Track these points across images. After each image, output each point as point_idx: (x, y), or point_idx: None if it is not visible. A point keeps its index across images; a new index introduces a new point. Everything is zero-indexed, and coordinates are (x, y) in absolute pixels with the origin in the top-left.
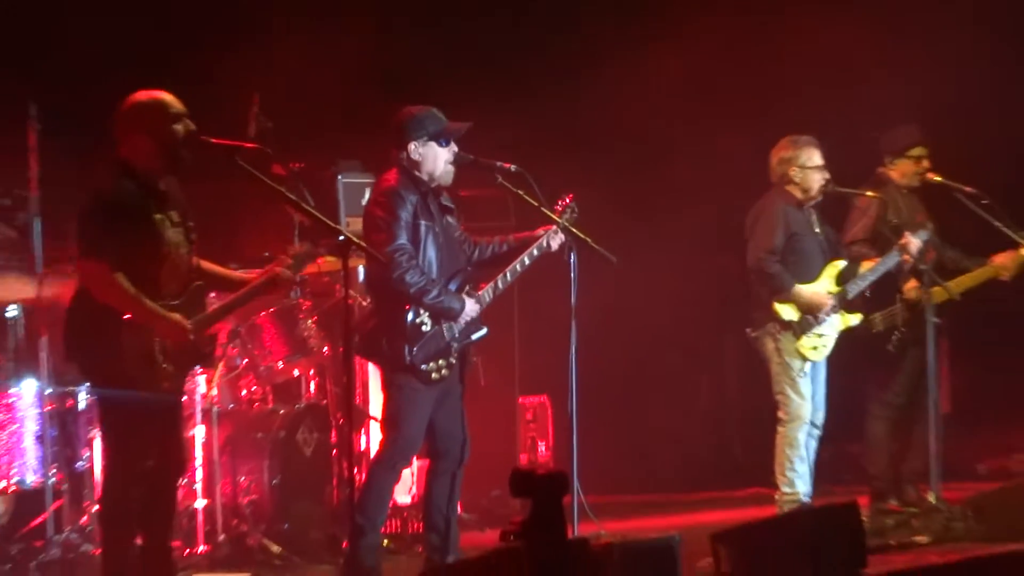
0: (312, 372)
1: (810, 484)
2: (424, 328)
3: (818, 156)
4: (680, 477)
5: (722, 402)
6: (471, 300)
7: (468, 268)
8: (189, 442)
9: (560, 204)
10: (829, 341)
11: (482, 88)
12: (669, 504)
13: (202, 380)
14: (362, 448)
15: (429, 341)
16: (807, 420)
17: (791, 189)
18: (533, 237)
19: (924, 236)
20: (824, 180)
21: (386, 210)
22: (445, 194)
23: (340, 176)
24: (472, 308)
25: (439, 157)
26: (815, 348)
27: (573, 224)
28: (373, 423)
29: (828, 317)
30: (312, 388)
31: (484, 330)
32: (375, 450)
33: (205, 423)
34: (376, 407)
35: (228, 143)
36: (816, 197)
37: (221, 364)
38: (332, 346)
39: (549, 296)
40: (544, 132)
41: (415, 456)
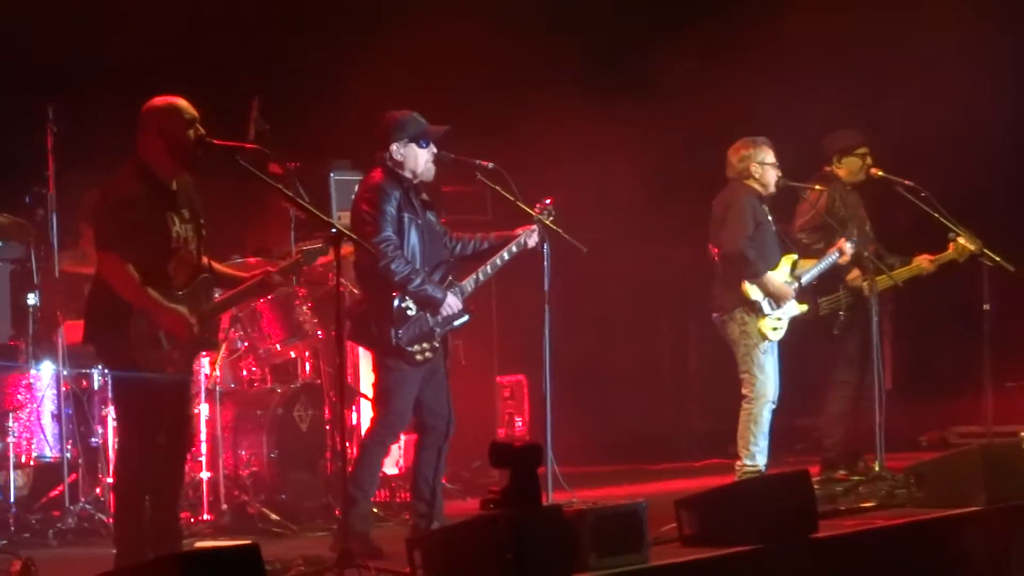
0: (307, 354)
1: (768, 457)
2: (409, 312)
3: (772, 155)
4: (645, 449)
5: (683, 380)
6: (452, 292)
7: (451, 260)
8: (194, 419)
9: (540, 206)
10: (785, 324)
11: (460, 87)
12: (635, 474)
13: (206, 362)
14: (353, 423)
15: (414, 324)
16: (771, 398)
17: (751, 183)
18: (512, 235)
19: (854, 242)
20: (779, 177)
21: (372, 205)
22: (424, 192)
23: (332, 173)
24: (452, 300)
25: (419, 157)
26: (775, 328)
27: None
28: (364, 400)
29: (787, 303)
30: (307, 368)
31: (466, 317)
32: (366, 426)
33: (209, 402)
34: (366, 385)
35: (230, 144)
36: (773, 191)
37: (223, 347)
38: (326, 330)
39: (525, 283)
40: (517, 129)
41: (403, 432)
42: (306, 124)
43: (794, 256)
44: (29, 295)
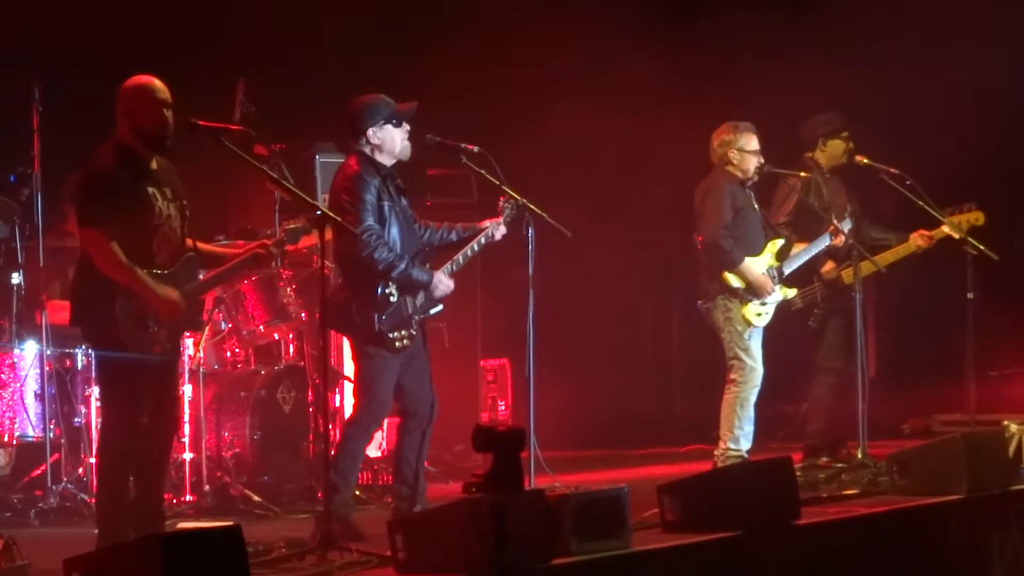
0: (291, 336)
1: (752, 442)
2: (392, 299)
3: (755, 141)
4: (628, 434)
5: (666, 365)
6: (440, 272)
7: (425, 247)
8: (179, 400)
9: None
10: (770, 310)
11: (443, 72)
12: (618, 459)
13: (190, 343)
14: (336, 406)
15: (396, 311)
16: (758, 384)
17: (731, 169)
18: (479, 228)
19: (849, 224)
20: (760, 163)
21: (351, 194)
22: (398, 178)
23: (317, 156)
24: (440, 279)
25: (395, 137)
26: (759, 315)
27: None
28: (347, 383)
29: (770, 293)
30: (291, 351)
31: (440, 307)
32: (349, 409)
33: (192, 383)
34: (349, 368)
35: (215, 125)
36: (753, 178)
37: (207, 328)
38: (309, 312)
39: (509, 267)
40: (500, 120)
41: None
42: (291, 106)
43: (780, 241)
44: (13, 274)
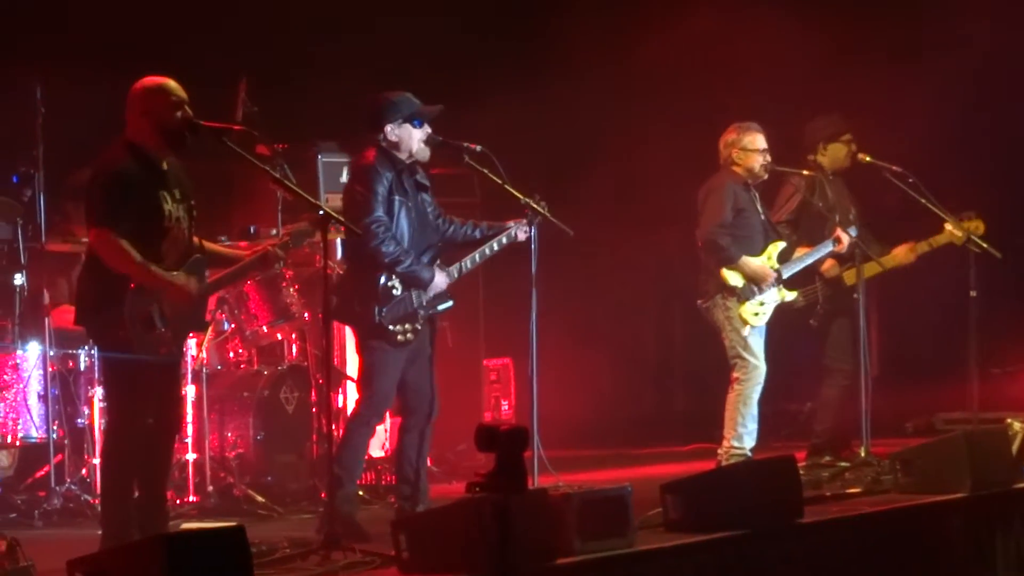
0: (294, 336)
1: (756, 441)
2: (394, 292)
3: (761, 140)
4: (631, 433)
5: (668, 365)
6: (441, 272)
7: (439, 243)
8: (183, 401)
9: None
10: (768, 310)
11: (456, 75)
12: (621, 458)
13: (193, 343)
14: (339, 406)
15: (398, 304)
16: (761, 381)
17: (736, 169)
18: (502, 227)
19: (854, 232)
20: (765, 162)
21: (364, 185)
22: (421, 172)
23: (320, 155)
24: (441, 280)
25: (413, 137)
26: (756, 314)
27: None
28: (349, 383)
29: (769, 288)
30: (294, 351)
31: (450, 302)
32: (352, 408)
33: (195, 383)
34: (352, 368)
35: (218, 125)
36: (760, 176)
37: (210, 328)
38: (312, 312)
39: (512, 266)
40: (506, 122)
41: (388, 413)
42: (294, 106)
43: (781, 244)
44: (16, 275)
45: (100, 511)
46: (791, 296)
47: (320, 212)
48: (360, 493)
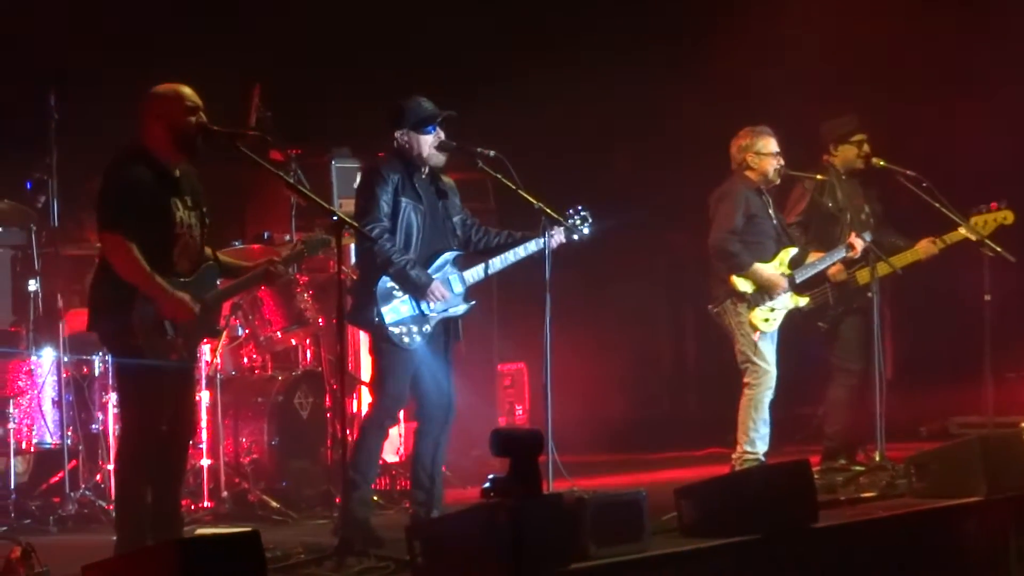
0: (308, 341)
1: (768, 445)
2: (395, 294)
3: (773, 144)
4: (645, 438)
5: (682, 369)
6: (447, 280)
7: (457, 249)
8: (196, 406)
9: (571, 211)
10: (780, 315)
11: (459, 75)
12: (636, 462)
13: (207, 349)
14: (354, 411)
15: (399, 307)
16: (772, 386)
17: (750, 174)
18: (529, 237)
19: (868, 237)
20: (779, 166)
21: (366, 189)
22: (444, 180)
23: (333, 161)
24: (437, 288)
25: (424, 143)
26: (766, 320)
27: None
28: (364, 388)
29: (780, 295)
30: (308, 356)
31: (462, 307)
32: (366, 412)
33: (210, 389)
34: (367, 373)
35: (231, 131)
36: (774, 181)
37: (224, 334)
38: (326, 317)
39: (525, 271)
40: (518, 121)
41: (403, 419)
42: (307, 111)
43: (793, 250)
44: (30, 281)
45: (114, 517)
46: (803, 301)
47: (334, 217)
48: (375, 498)
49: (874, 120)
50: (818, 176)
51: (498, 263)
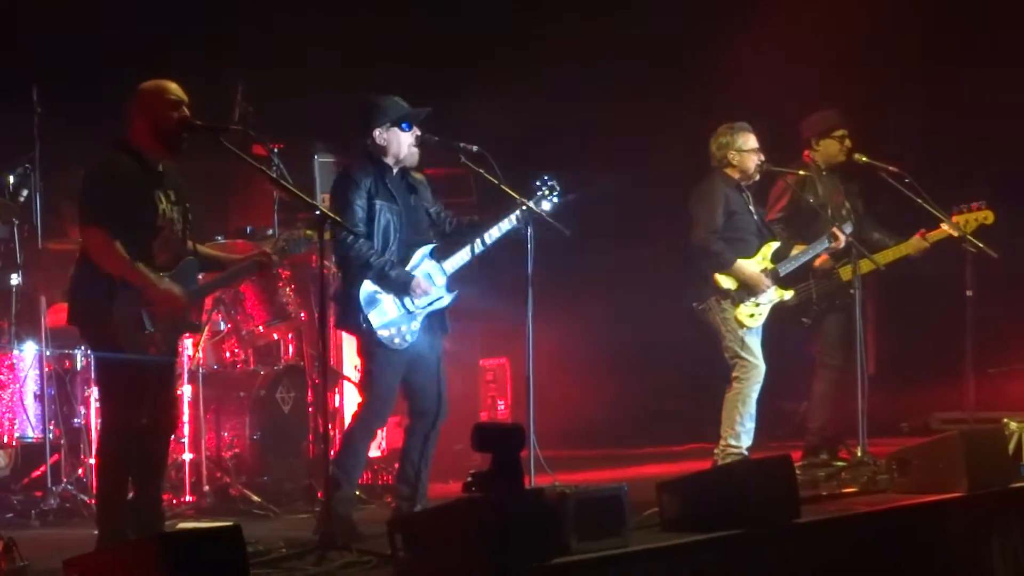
0: (290, 336)
1: (752, 440)
2: (379, 296)
3: (753, 140)
4: (627, 433)
5: (664, 364)
6: (427, 273)
7: (433, 242)
8: (178, 401)
9: (539, 182)
10: (765, 310)
11: (451, 73)
12: (617, 457)
13: (189, 343)
14: (336, 406)
15: (384, 309)
16: (760, 380)
17: (730, 171)
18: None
19: (850, 227)
20: (760, 161)
21: (339, 194)
22: (413, 174)
23: (316, 156)
24: (420, 282)
25: (403, 141)
26: (751, 316)
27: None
28: (346, 383)
29: (764, 291)
30: (290, 351)
31: (447, 297)
32: (349, 409)
33: (191, 383)
34: (349, 368)
35: (214, 125)
36: (754, 177)
37: (206, 328)
38: (309, 312)
39: (507, 267)
40: (508, 115)
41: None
42: (290, 106)
43: (775, 244)
44: (12, 275)
45: (96, 511)
46: (788, 295)
47: (316, 212)
48: (357, 493)
49: (855, 118)
50: (800, 172)
51: (479, 245)
